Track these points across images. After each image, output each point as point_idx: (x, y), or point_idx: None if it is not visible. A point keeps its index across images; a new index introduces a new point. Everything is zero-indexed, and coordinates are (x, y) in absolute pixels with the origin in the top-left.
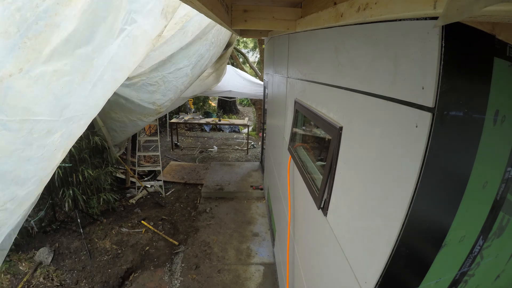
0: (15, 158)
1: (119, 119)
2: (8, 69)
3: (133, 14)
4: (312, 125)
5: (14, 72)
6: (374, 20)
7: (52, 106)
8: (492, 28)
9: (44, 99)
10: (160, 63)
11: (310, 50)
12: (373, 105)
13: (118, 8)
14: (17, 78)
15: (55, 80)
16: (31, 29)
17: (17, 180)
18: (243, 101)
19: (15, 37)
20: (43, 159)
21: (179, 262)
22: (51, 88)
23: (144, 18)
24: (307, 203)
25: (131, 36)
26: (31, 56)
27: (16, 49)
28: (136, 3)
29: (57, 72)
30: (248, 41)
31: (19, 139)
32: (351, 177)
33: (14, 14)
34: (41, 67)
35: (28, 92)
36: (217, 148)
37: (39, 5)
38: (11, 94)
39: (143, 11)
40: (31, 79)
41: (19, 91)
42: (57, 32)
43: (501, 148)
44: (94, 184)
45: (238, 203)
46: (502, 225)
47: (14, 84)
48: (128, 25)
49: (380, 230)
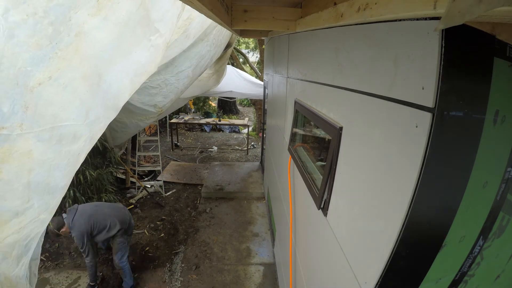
0: (47, 167)
1: (120, 120)
2: (38, 78)
3: (156, 24)
4: (312, 125)
5: (44, 80)
6: (374, 20)
7: (78, 110)
8: (492, 28)
9: (71, 104)
10: (163, 66)
11: (310, 50)
12: (373, 105)
13: (144, 18)
14: (46, 86)
15: (81, 84)
16: (63, 41)
17: (49, 189)
18: (243, 101)
19: (46, 49)
20: (69, 165)
21: (179, 262)
22: (78, 93)
23: (165, 26)
24: (307, 203)
25: (154, 45)
26: (61, 65)
27: (46, 59)
28: (157, 12)
29: (84, 78)
30: (249, 41)
31: (50, 148)
32: (351, 177)
33: (47, 28)
34: (70, 74)
35: (57, 99)
36: (217, 148)
37: (72, 17)
38: (41, 103)
39: (164, 19)
40: (60, 86)
41: (48, 99)
42: (84, 38)
43: (501, 148)
44: (94, 184)
45: (238, 203)
46: (502, 225)
47: (43, 92)
48: (152, 35)
49: (380, 230)
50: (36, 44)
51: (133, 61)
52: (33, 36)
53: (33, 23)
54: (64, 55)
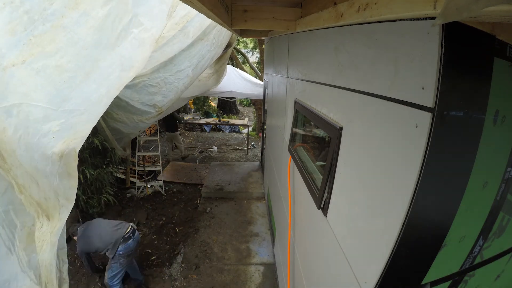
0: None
1: (121, 120)
2: (11, 59)
3: (139, 17)
4: (312, 125)
5: (17, 63)
6: (374, 20)
7: (51, 96)
8: (492, 28)
9: (44, 88)
10: (162, 64)
11: (310, 50)
12: (373, 105)
13: (124, 11)
14: (20, 68)
15: (57, 74)
16: (38, 29)
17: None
18: (243, 101)
19: (21, 35)
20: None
21: (179, 262)
22: (52, 81)
23: (151, 21)
24: (307, 203)
25: (138, 38)
26: (34, 51)
27: (20, 44)
28: (142, 6)
29: (59, 67)
30: (248, 41)
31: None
32: (351, 177)
33: (22, 16)
34: (44, 61)
35: (29, 81)
36: (217, 148)
37: (47, 8)
38: (13, 82)
39: (150, 14)
40: (33, 70)
41: (20, 79)
42: (63, 32)
43: (501, 148)
44: (94, 184)
45: (238, 203)
46: (502, 225)
47: (16, 73)
48: (135, 28)
49: (380, 230)
50: (11, 30)
51: (118, 55)
52: (9, 23)
53: (9, 11)
54: (38, 42)
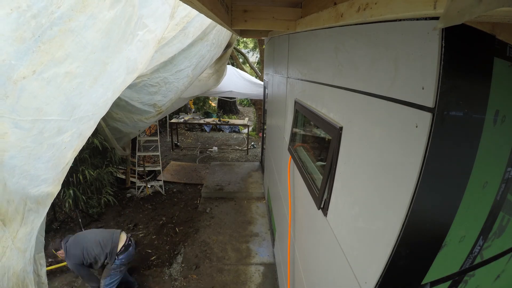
0: (26, 154)
1: (121, 119)
2: (22, 71)
3: (144, 19)
4: (312, 125)
5: (28, 75)
6: (374, 20)
7: (63, 106)
8: (492, 28)
9: (56, 99)
10: (161, 64)
11: (310, 50)
12: (373, 105)
13: (131, 13)
14: (30, 80)
15: (67, 81)
16: (46, 34)
17: (27, 176)
18: (243, 101)
19: (29, 42)
20: (53, 158)
21: (179, 262)
22: (62, 89)
23: (155, 23)
24: (307, 203)
25: (142, 40)
26: (44, 59)
27: (30, 53)
28: (146, 8)
29: (69, 74)
30: (248, 41)
31: (29, 138)
32: (351, 177)
33: (30, 21)
34: (54, 69)
35: (41, 93)
36: (217, 148)
37: (54, 12)
38: (24, 96)
39: (154, 15)
40: (44, 80)
41: (32, 92)
42: (71, 37)
43: (501, 148)
44: (94, 184)
45: (238, 203)
46: (502, 225)
47: (28, 86)
48: (140, 30)
49: (380, 230)
50: (19, 37)
51: (125, 58)
52: (17, 30)
53: (16, 16)
54: (48, 48)
